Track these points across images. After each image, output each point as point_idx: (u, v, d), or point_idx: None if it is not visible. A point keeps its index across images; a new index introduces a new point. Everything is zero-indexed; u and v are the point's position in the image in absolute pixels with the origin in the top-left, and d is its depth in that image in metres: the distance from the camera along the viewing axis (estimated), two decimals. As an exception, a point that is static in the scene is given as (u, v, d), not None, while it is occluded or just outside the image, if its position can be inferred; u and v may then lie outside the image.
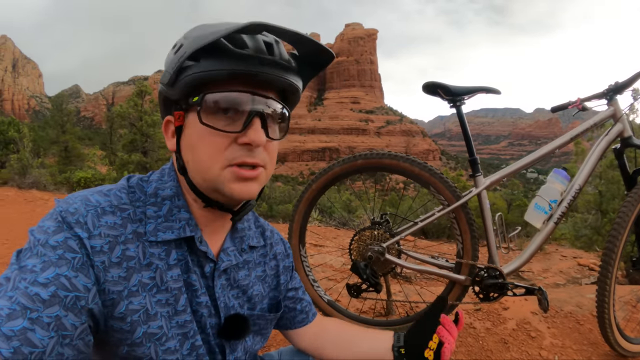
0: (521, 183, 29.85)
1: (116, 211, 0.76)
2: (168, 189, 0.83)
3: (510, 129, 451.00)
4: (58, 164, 20.31)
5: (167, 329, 0.79)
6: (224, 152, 0.76)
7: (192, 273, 0.84)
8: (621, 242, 1.90)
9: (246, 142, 0.76)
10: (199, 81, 0.74)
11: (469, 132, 2.02)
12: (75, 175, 13.71)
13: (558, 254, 6.31)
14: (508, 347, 2.14)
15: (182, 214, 0.83)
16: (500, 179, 2.01)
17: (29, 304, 0.61)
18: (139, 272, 0.76)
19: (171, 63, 0.76)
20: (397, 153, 1.98)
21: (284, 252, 1.13)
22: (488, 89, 1.99)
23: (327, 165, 2.11)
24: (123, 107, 14.31)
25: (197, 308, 0.85)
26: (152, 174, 0.87)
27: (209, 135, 0.76)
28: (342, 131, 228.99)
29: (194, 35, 0.75)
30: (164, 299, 0.79)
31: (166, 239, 0.80)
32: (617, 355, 2.07)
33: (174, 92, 0.78)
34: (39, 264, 0.65)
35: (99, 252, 0.70)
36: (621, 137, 2.02)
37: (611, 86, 2.00)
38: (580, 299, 2.71)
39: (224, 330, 0.88)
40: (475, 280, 1.94)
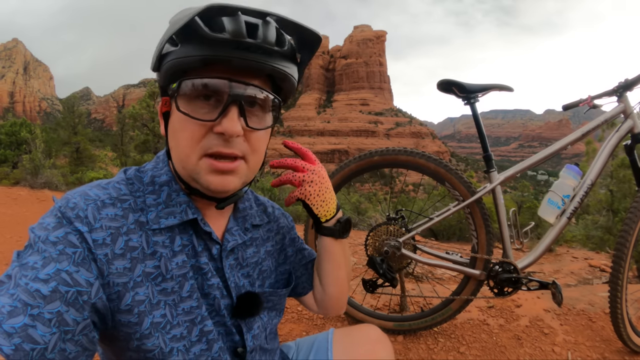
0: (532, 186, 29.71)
1: (116, 203, 0.75)
2: (164, 175, 0.83)
3: (521, 130, 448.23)
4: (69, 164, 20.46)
5: (172, 317, 0.78)
6: (201, 141, 0.75)
7: (200, 257, 0.83)
8: (633, 238, 1.92)
9: (220, 131, 0.74)
10: (177, 67, 0.73)
11: (483, 128, 2.04)
12: (87, 175, 13.82)
13: (569, 256, 6.27)
14: (521, 343, 2.17)
15: (182, 197, 0.82)
16: (515, 174, 2.04)
17: (29, 300, 0.61)
18: (143, 262, 0.75)
19: (157, 48, 0.76)
20: (413, 149, 2.02)
21: (287, 225, 1.13)
22: (501, 87, 2.02)
23: (343, 162, 2.15)
24: (135, 108, 14.41)
25: (209, 291, 0.84)
26: (148, 163, 0.86)
27: (187, 123, 0.74)
28: (352, 133, 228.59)
29: (174, 20, 0.72)
30: (169, 287, 0.78)
31: (169, 225, 0.79)
32: (630, 352, 2.08)
33: (159, 78, 0.79)
34: (40, 260, 0.64)
35: (102, 244, 0.70)
36: (632, 133, 2.04)
37: (621, 83, 2.03)
38: (592, 297, 2.73)
39: (238, 310, 0.88)
40: (490, 275, 1.97)
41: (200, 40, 0.70)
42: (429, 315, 2.14)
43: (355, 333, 1.25)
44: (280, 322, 2.28)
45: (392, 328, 2.15)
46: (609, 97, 2.07)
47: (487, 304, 2.58)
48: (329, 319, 2.40)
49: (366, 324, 1.31)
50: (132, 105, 14.67)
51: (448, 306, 2.11)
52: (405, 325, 2.16)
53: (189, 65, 0.72)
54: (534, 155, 2.05)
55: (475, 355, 2.07)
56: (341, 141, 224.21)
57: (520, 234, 2.04)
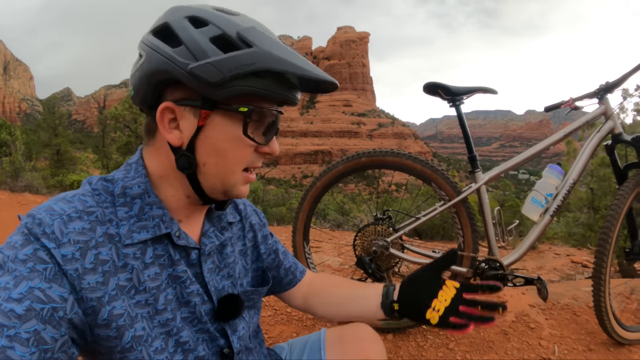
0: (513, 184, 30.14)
1: (83, 215, 0.73)
2: (136, 187, 0.80)
3: (502, 130, 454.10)
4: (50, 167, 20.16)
5: (150, 330, 0.78)
6: (247, 158, 0.82)
7: (177, 265, 0.83)
8: (614, 233, 1.98)
9: (268, 152, 0.85)
10: (254, 95, 0.76)
11: (468, 130, 2.09)
12: (68, 178, 13.64)
13: (551, 252, 6.38)
14: (509, 338, 2.21)
15: (155, 211, 0.80)
16: (499, 174, 2.09)
17: (4, 321, 0.59)
18: (115, 275, 0.74)
19: (226, 63, 0.72)
20: (399, 151, 2.06)
21: (260, 222, 1.13)
22: (485, 89, 2.07)
23: (330, 164, 2.18)
24: (118, 109, 14.28)
25: (189, 298, 0.84)
26: (116, 172, 0.83)
27: (240, 143, 0.79)
28: (335, 134, 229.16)
29: (270, 53, 0.73)
30: (143, 300, 0.77)
31: (142, 239, 0.78)
32: (615, 343, 2.15)
33: (211, 91, 0.73)
34: (11, 280, 0.63)
35: (71, 259, 0.68)
36: (612, 134, 2.11)
37: (602, 86, 2.09)
38: (576, 292, 2.79)
39: (220, 313, 0.89)
40: (476, 272, 2.02)
41: (285, 80, 0.77)
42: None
43: (347, 332, 1.27)
44: (270, 324, 2.31)
45: (382, 327, 2.18)
46: (590, 99, 2.13)
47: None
48: (319, 320, 2.42)
49: (357, 323, 1.32)
50: (115, 106, 14.53)
51: (435, 303, 2.15)
52: (393, 323, 2.19)
53: (267, 98, 0.78)
54: (518, 155, 2.10)
55: (464, 351, 2.10)
56: (324, 142, 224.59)
57: (505, 232, 2.08)
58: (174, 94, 0.77)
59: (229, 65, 0.71)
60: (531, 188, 2.15)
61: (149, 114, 0.82)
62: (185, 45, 0.73)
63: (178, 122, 0.78)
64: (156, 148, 0.83)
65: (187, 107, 0.77)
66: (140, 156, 0.85)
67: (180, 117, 0.77)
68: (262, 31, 0.76)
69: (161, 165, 0.82)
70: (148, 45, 0.77)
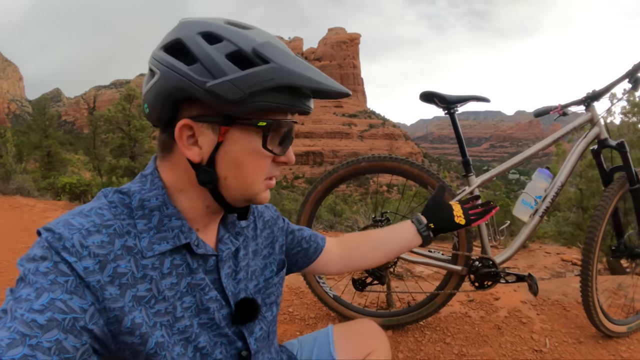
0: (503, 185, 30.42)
1: (101, 229, 0.73)
2: (154, 199, 0.81)
3: (492, 131, 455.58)
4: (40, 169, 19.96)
5: (169, 337, 0.79)
6: (266, 169, 0.84)
7: (195, 274, 0.84)
8: (600, 232, 2.09)
9: (285, 161, 0.87)
10: (273, 109, 0.77)
11: (462, 135, 2.19)
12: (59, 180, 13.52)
13: (542, 251, 6.50)
14: (502, 332, 2.32)
15: (174, 222, 0.81)
16: (491, 178, 2.19)
17: (27, 331, 0.60)
18: (134, 287, 0.75)
19: (245, 81, 0.72)
20: (397, 156, 2.16)
21: (273, 216, 1.15)
22: (478, 98, 2.17)
23: (331, 168, 2.27)
24: (111, 110, 14.15)
25: (208, 305, 0.85)
26: (131, 185, 0.83)
27: (260, 156, 0.81)
28: (326, 135, 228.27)
29: (287, 68, 0.74)
30: (162, 309, 0.78)
31: (163, 251, 0.79)
32: (604, 336, 2.25)
33: (230, 108, 0.74)
34: (33, 292, 0.64)
35: (92, 272, 0.69)
36: (598, 139, 2.21)
37: (589, 94, 2.19)
38: (565, 289, 2.91)
39: (237, 317, 0.90)
40: (470, 270, 2.12)
41: (301, 93, 0.78)
42: (416, 309, 2.28)
43: (353, 327, 1.35)
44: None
45: (382, 324, 2.27)
46: (577, 106, 2.24)
47: (468, 298, 2.74)
48: (321, 318, 2.51)
49: (362, 318, 1.42)
50: (108, 107, 14.38)
51: (433, 300, 2.25)
52: (393, 320, 2.30)
53: (284, 111, 0.81)
54: (509, 160, 2.20)
55: (460, 345, 2.21)
56: (315, 143, 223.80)
57: (497, 232, 2.19)
58: (191, 110, 0.77)
59: (247, 82, 0.72)
60: (521, 189, 2.25)
61: (165, 130, 0.82)
62: (201, 62, 0.72)
63: (196, 139, 0.78)
64: (173, 163, 0.83)
65: (206, 124, 0.77)
66: (155, 167, 0.85)
67: (199, 134, 0.77)
68: (276, 45, 0.77)
69: (179, 179, 0.83)
70: (161, 63, 0.76)
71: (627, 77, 2.09)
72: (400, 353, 2.15)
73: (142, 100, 0.82)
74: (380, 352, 1.27)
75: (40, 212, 7.05)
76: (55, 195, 12.64)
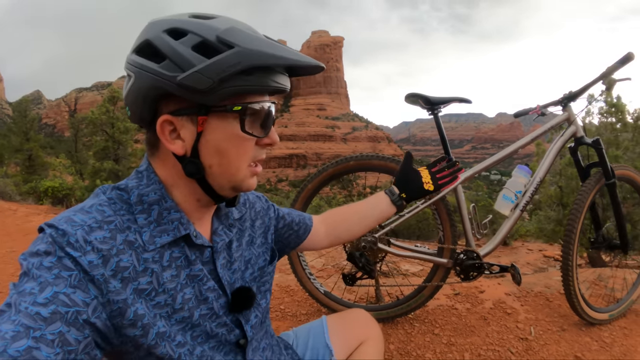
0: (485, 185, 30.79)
1: (103, 225, 0.75)
2: (152, 193, 0.83)
3: (474, 133, 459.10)
4: (22, 173, 19.66)
5: (169, 327, 0.81)
6: (250, 153, 0.85)
7: (193, 265, 0.87)
8: (579, 224, 2.19)
9: (269, 143, 0.88)
10: (245, 92, 0.78)
11: (445, 135, 2.27)
12: (42, 184, 13.35)
13: (524, 248, 6.65)
14: (488, 322, 2.41)
15: (173, 215, 0.84)
16: (473, 175, 2.27)
17: (31, 323, 0.62)
18: (136, 280, 0.77)
19: (212, 69, 0.74)
20: (384, 155, 2.23)
21: (264, 206, 1.17)
22: (461, 99, 2.24)
23: (321, 167, 2.33)
24: (95, 113, 13.96)
25: (207, 295, 0.88)
26: (128, 181, 0.85)
27: (241, 140, 0.82)
28: (309, 138, 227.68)
29: (250, 50, 0.75)
30: (162, 301, 0.81)
31: (164, 243, 0.81)
32: (586, 323, 2.35)
33: (203, 97, 0.76)
34: (37, 286, 0.65)
35: (96, 266, 0.71)
36: (575, 137, 2.32)
37: (566, 95, 2.30)
38: (548, 281, 3.01)
39: (234, 305, 0.93)
40: (456, 262, 2.21)
41: (273, 71, 0.80)
42: (404, 302, 2.36)
43: (347, 317, 1.41)
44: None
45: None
46: (555, 106, 2.35)
47: (454, 291, 2.82)
48: (312, 314, 2.57)
49: (355, 309, 1.48)
50: (91, 110, 14.18)
51: (421, 293, 2.33)
52: (383, 313, 2.37)
53: (259, 92, 0.81)
54: (489, 157, 2.28)
55: (448, 335, 2.29)
56: (299, 146, 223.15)
57: (480, 226, 2.28)
58: (169, 106, 0.80)
59: (215, 69, 0.74)
60: (502, 187, 2.35)
61: (149, 129, 0.84)
62: (170, 58, 0.75)
63: (178, 132, 0.80)
64: (161, 160, 0.85)
65: (184, 117, 0.79)
66: (149, 163, 0.87)
67: (180, 127, 0.80)
68: (241, 29, 0.78)
69: (169, 175, 0.85)
70: (134, 66, 0.78)
71: (601, 79, 2.19)
72: (391, 344, 2.21)
73: (125, 103, 0.84)
74: (374, 339, 1.33)
75: (23, 217, 6.99)
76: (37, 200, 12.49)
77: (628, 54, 2.09)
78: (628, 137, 5.13)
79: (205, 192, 0.86)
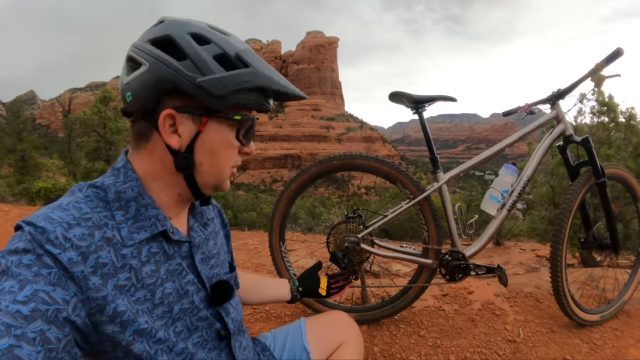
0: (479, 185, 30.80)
1: (81, 222, 0.77)
2: (129, 190, 0.85)
3: (468, 133, 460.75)
4: (15, 174, 19.56)
5: (152, 322, 0.83)
6: (234, 158, 0.95)
7: (172, 259, 0.90)
8: (568, 224, 2.15)
9: (247, 152, 0.98)
10: (244, 105, 0.88)
11: (430, 134, 2.23)
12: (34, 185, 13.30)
13: (517, 248, 6.62)
14: (476, 324, 2.36)
15: (150, 212, 0.87)
16: (458, 174, 2.23)
17: (12, 321, 0.62)
18: (115, 276, 0.78)
19: (230, 80, 0.84)
20: (367, 154, 2.19)
21: (222, 222, 1.24)
22: (445, 97, 2.21)
23: (304, 167, 2.29)
24: (87, 113, 13.93)
25: (187, 288, 0.92)
26: (104, 178, 0.87)
27: (231, 145, 0.92)
28: (304, 138, 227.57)
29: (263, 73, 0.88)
30: (142, 296, 0.82)
31: (142, 239, 0.84)
32: (576, 325, 2.32)
33: (213, 101, 0.84)
34: (16, 283, 0.66)
35: (76, 263, 0.72)
36: (564, 135, 2.29)
37: (554, 92, 2.27)
38: (538, 282, 2.97)
39: (213, 298, 0.98)
40: (441, 264, 2.16)
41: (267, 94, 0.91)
42: (389, 304, 2.31)
43: (325, 319, 1.41)
44: (250, 321, 2.40)
45: (356, 319, 2.28)
46: (543, 104, 2.32)
47: (442, 292, 2.78)
48: (297, 316, 2.51)
49: (334, 310, 1.46)
50: (83, 110, 14.16)
51: (406, 294, 2.28)
52: (367, 315, 2.32)
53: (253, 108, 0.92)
54: (476, 156, 2.24)
55: (434, 337, 2.24)
56: (294, 146, 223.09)
57: (466, 226, 2.24)
58: (173, 101, 0.85)
59: (232, 81, 0.84)
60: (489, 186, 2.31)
61: (143, 119, 0.87)
62: (192, 60, 0.82)
63: (176, 127, 0.85)
64: (149, 151, 0.88)
65: (187, 114, 0.85)
66: (127, 160, 0.90)
67: (179, 123, 0.85)
68: (253, 53, 0.90)
69: (153, 167, 0.89)
70: (151, 55, 0.83)
71: (590, 75, 2.15)
72: (375, 346, 2.17)
73: (123, 89, 0.87)
74: (352, 341, 1.32)
75: (15, 218, 6.92)
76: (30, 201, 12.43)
77: (617, 49, 2.05)
78: (620, 137, 5.12)
79: (189, 187, 0.92)
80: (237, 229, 9.40)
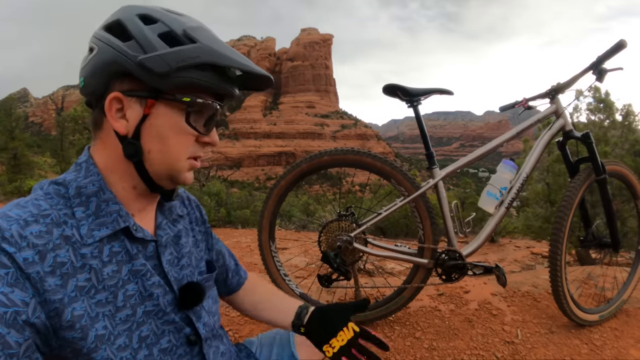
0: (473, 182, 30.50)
1: (39, 219, 0.74)
2: (90, 185, 0.82)
3: (462, 131, 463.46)
4: (7, 172, 19.41)
5: (113, 328, 0.79)
6: (190, 147, 0.88)
7: (135, 260, 0.85)
8: (568, 222, 2.09)
9: (209, 142, 0.91)
10: (196, 86, 0.82)
11: (425, 129, 2.15)
12: (26, 184, 13.20)
13: (512, 245, 6.62)
14: (473, 325, 2.30)
15: (111, 207, 0.83)
16: (455, 170, 2.16)
17: None
18: (74, 277, 0.75)
19: (173, 56, 0.79)
20: (360, 149, 2.11)
21: (201, 218, 1.15)
22: (442, 90, 2.14)
23: (295, 162, 2.21)
24: (77, 110, 13.84)
25: (152, 290, 0.86)
26: (66, 175, 0.84)
27: (182, 131, 0.85)
28: (298, 135, 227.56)
29: (211, 48, 0.82)
30: (103, 298, 0.78)
31: (102, 236, 0.80)
32: (575, 325, 2.26)
33: (157, 81, 0.79)
34: None
35: (32, 263, 0.69)
36: (563, 131, 2.22)
37: (553, 86, 2.21)
38: (535, 280, 2.92)
39: (182, 301, 0.91)
40: (437, 263, 2.10)
41: (224, 74, 0.86)
42: (383, 304, 2.24)
43: None
44: (239, 323, 2.32)
45: (349, 320, 2.23)
46: (542, 99, 2.26)
47: (437, 292, 2.72)
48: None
49: None
50: (74, 107, 14.09)
51: (401, 295, 2.21)
52: (361, 316, 2.25)
53: (208, 89, 0.85)
54: (472, 152, 2.19)
55: (430, 339, 2.18)
56: (288, 143, 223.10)
57: (463, 224, 2.17)
58: (122, 85, 0.82)
59: (175, 57, 0.79)
60: (487, 182, 2.24)
61: (96, 107, 0.85)
62: (136, 39, 0.79)
63: (124, 112, 0.82)
64: (103, 141, 0.85)
65: (134, 98, 0.81)
66: (89, 155, 0.86)
67: (127, 107, 0.82)
68: (207, 30, 0.85)
69: (108, 157, 0.85)
70: (101, 40, 0.82)
71: (592, 68, 2.09)
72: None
73: (80, 75, 0.86)
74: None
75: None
76: (21, 199, 12.36)
77: (620, 41, 1.99)
78: (617, 134, 5.08)
79: (141, 177, 0.86)
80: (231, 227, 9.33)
